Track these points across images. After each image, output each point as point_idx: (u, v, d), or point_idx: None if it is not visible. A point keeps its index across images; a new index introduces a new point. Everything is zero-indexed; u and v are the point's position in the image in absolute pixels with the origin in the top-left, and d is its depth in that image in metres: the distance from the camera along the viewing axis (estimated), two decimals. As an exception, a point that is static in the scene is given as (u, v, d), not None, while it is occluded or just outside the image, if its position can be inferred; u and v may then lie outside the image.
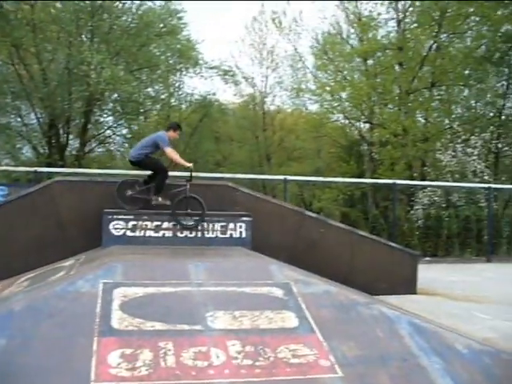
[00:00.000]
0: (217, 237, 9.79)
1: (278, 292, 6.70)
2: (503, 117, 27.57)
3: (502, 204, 24.27)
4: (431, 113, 26.82)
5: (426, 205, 21.75)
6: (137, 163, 9.82)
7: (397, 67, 27.47)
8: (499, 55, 26.84)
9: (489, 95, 28.01)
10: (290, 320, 6.09)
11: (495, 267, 17.01)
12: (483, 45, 27.09)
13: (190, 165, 9.74)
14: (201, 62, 30.28)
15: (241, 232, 9.92)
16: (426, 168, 25.82)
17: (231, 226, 9.89)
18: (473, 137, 24.81)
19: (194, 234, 9.66)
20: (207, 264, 7.41)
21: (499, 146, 27.16)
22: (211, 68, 30.91)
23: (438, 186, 22.18)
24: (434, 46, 26.65)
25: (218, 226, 9.83)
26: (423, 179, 24.56)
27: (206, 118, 33.10)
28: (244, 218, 9.96)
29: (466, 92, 28.52)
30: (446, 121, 27.47)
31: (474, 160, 23.64)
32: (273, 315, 6.12)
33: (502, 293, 11.81)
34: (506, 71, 27.27)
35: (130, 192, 9.73)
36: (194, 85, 52.73)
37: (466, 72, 26.84)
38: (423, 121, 27.39)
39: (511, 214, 22.06)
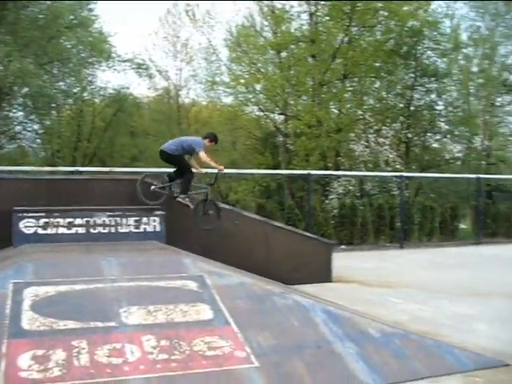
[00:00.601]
0: (130, 232, 9.67)
1: (192, 285, 6.71)
2: (412, 108, 28.45)
3: (413, 192, 25.12)
4: (344, 104, 27.27)
5: (340, 194, 22.23)
6: (170, 157, 10.04)
7: (310, 59, 27.79)
8: (407, 49, 27.72)
9: (399, 87, 28.82)
10: (205, 312, 6.11)
11: (407, 253, 17.60)
12: (392, 39, 27.84)
13: (222, 167, 10.08)
14: (113, 55, 29.82)
15: (155, 226, 9.85)
16: (339, 158, 26.32)
17: (145, 220, 9.79)
18: (384, 127, 25.52)
19: (107, 230, 9.50)
20: (120, 259, 7.32)
21: (409, 135, 28.09)
22: (124, 61, 30.49)
23: (352, 176, 22.71)
24: (346, 39, 27.13)
25: (131, 220, 9.70)
26: (337, 169, 25.01)
27: (121, 112, 32.62)
28: (158, 212, 9.88)
29: (378, 84, 29.22)
30: (359, 112, 28.04)
31: (385, 149, 24.34)
32: (187, 308, 6.12)
33: (413, 277, 12.27)
34: (414, 64, 28.14)
35: (153, 186, 10.06)
36: (108, 78, 51.56)
37: (377, 64, 27.42)
38: (336, 112, 27.80)
39: (422, 201, 22.80)
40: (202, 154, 9.86)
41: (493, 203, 23.92)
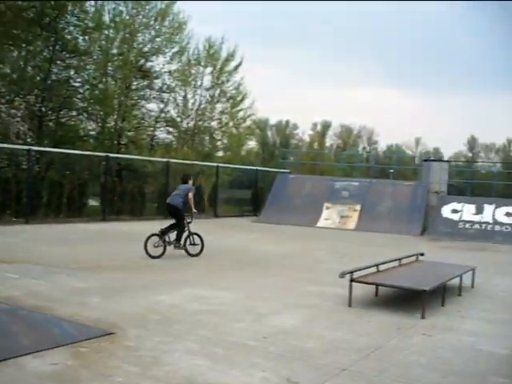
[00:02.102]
0: None
1: None
2: (49, 81, 28.07)
3: (45, 167, 24.88)
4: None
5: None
6: (176, 210, 12.56)
7: None
8: (48, 21, 27.23)
9: (38, 59, 28.14)
10: None
11: (33, 228, 17.53)
12: (34, 7, 27.02)
13: (195, 211, 13.17)
14: None
15: None
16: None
17: None
18: (17, 98, 24.62)
19: None
20: None
21: (43, 109, 27.63)
22: None
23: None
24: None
25: None
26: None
27: None
28: None
29: (15, 53, 28.06)
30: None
31: (17, 122, 23.57)
32: None
33: (35, 253, 12.37)
34: (54, 37, 27.78)
35: (156, 244, 12.32)
36: None
37: (16, 32, 26.35)
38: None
39: (52, 176, 22.75)
40: (191, 196, 12.62)
41: (121, 182, 25.06)
